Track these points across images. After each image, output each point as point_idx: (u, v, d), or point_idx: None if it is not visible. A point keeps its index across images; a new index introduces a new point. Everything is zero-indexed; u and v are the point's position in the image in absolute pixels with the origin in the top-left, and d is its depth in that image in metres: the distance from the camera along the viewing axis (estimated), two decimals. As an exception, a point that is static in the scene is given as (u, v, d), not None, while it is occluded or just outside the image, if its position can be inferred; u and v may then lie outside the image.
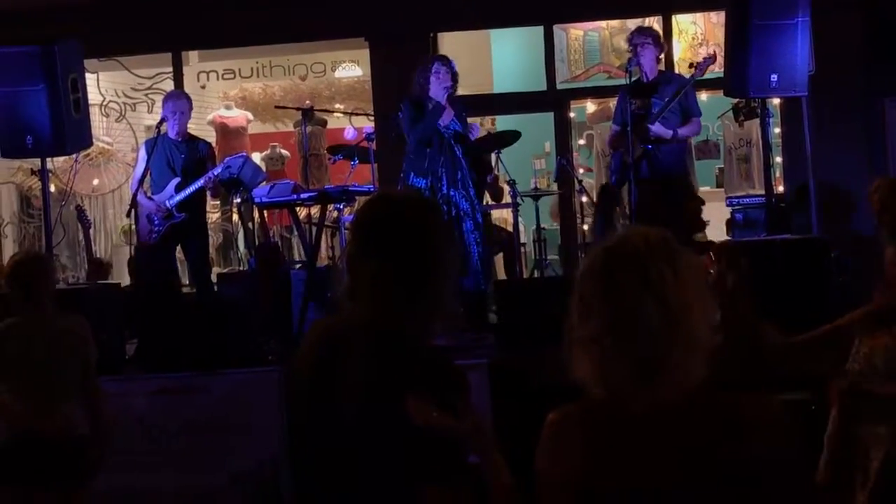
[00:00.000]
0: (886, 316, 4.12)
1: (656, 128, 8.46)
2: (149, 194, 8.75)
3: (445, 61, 8.53)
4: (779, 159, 11.39)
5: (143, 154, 8.82)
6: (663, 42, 8.89)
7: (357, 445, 2.62)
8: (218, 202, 12.55)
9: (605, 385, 2.33)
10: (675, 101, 8.49)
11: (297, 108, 10.54)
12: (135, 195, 8.57)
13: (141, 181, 8.64)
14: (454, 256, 2.79)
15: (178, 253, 9.26)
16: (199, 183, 8.66)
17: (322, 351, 2.74)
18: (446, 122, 8.31)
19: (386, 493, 2.59)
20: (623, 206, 9.20)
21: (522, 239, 11.36)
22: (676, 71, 11.81)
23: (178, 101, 8.92)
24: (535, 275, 10.57)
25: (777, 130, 11.24)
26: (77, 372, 5.31)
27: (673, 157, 8.60)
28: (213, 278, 9.60)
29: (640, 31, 9.08)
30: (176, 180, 8.65)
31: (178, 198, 8.63)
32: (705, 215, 8.72)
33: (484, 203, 10.06)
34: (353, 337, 2.69)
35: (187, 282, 9.87)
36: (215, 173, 8.67)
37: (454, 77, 8.43)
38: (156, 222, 8.67)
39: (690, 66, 9.23)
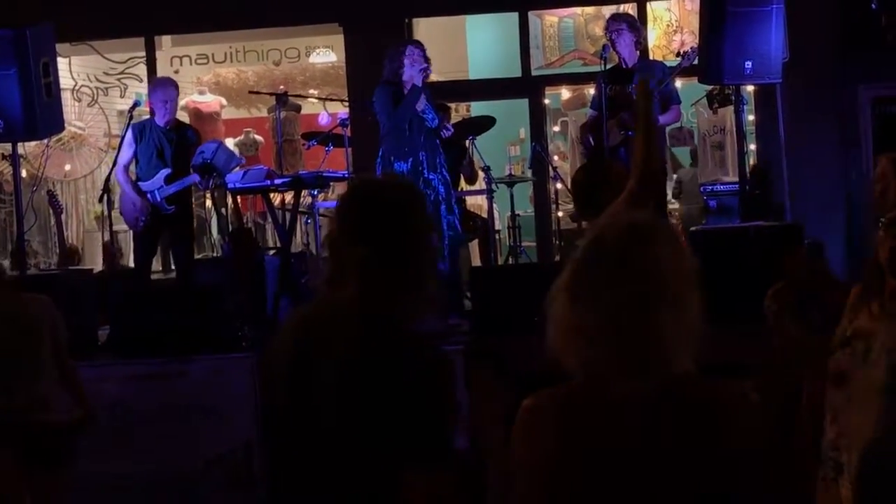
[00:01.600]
0: (865, 293, 4.16)
1: None
2: (134, 179, 8.71)
3: (419, 45, 8.49)
4: (752, 146, 11.43)
5: (129, 139, 8.71)
6: (640, 27, 8.85)
7: (340, 430, 2.61)
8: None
9: (587, 371, 2.32)
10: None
11: (271, 94, 10.51)
12: (107, 179, 8.54)
13: (127, 167, 8.60)
14: (435, 241, 2.79)
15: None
16: (183, 183, 8.65)
17: (304, 336, 2.73)
18: (423, 107, 8.28)
19: (367, 477, 2.58)
20: None
21: (497, 226, 11.35)
22: (651, 58, 11.84)
23: (167, 88, 8.84)
24: (510, 261, 10.57)
25: (751, 118, 11.27)
26: (47, 354, 5.25)
27: None
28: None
29: (615, 17, 9.07)
30: (166, 171, 8.60)
31: (169, 191, 8.61)
32: None
33: (459, 189, 10.05)
34: (337, 322, 2.68)
35: (159, 267, 9.85)
36: (189, 181, 8.69)
37: (428, 61, 8.38)
38: (141, 210, 8.63)
39: (677, 54, 9.23)
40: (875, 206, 5.38)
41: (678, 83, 11.88)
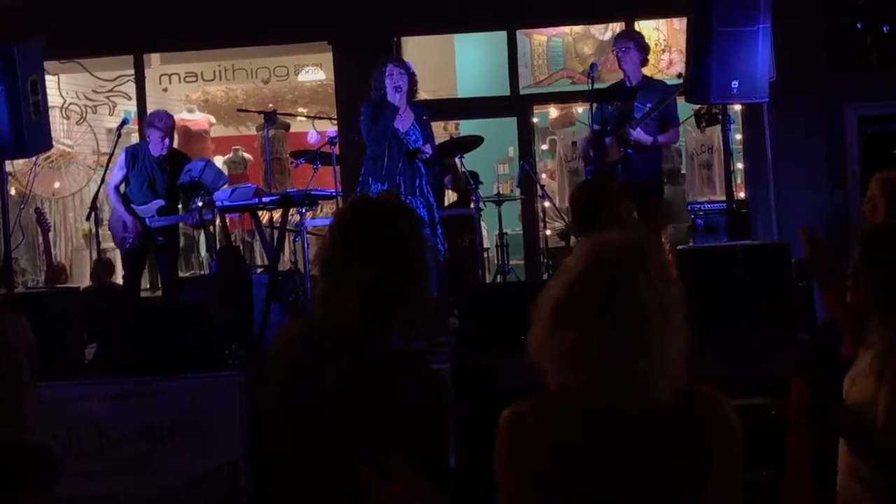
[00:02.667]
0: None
1: (637, 133, 8.35)
2: (126, 201, 8.79)
3: (399, 63, 8.41)
4: (740, 165, 11.47)
5: (121, 162, 8.88)
6: (647, 46, 8.79)
7: (337, 450, 2.61)
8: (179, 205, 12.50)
9: (569, 384, 2.35)
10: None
11: (260, 112, 10.50)
12: (95, 197, 8.57)
13: (118, 188, 8.66)
14: (430, 262, 2.80)
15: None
16: (181, 219, 8.86)
17: (298, 354, 2.74)
18: (405, 128, 8.23)
19: (364, 498, 2.58)
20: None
21: (485, 244, 11.36)
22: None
23: (167, 122, 8.93)
24: (498, 279, 10.57)
25: (738, 136, 11.31)
26: (26, 374, 5.21)
27: (648, 164, 8.52)
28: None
29: (624, 35, 9.08)
30: (159, 203, 8.72)
31: (160, 223, 8.72)
32: None
33: (445, 204, 10.04)
34: (333, 341, 2.68)
35: (146, 286, 9.87)
36: (181, 219, 8.89)
37: (411, 79, 8.26)
38: (129, 231, 8.74)
39: (679, 75, 9.23)
40: (865, 226, 5.38)
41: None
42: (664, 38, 12.72)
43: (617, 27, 12.46)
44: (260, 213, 9.11)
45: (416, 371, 2.67)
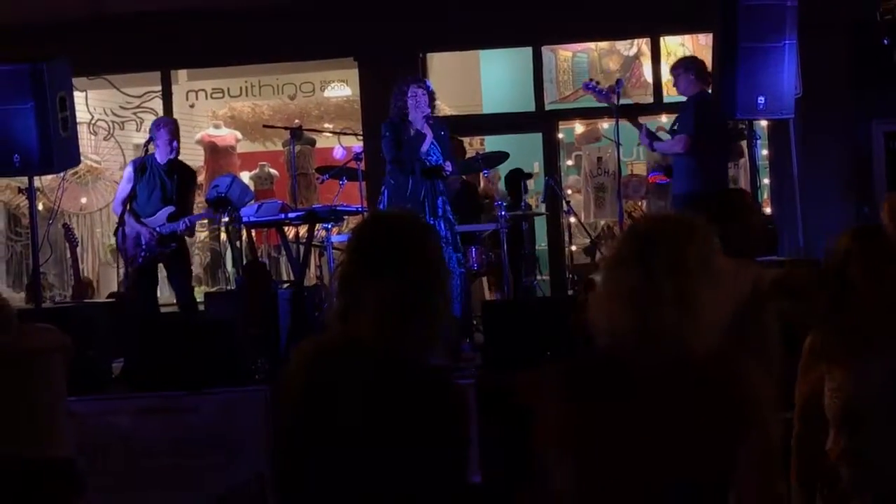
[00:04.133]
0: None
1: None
2: (135, 214, 8.77)
3: (420, 83, 8.37)
4: (766, 181, 11.43)
5: (129, 174, 8.85)
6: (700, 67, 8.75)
7: (357, 466, 2.61)
8: (206, 221, 12.56)
9: (614, 338, 2.48)
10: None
11: (286, 128, 10.53)
12: (122, 215, 8.57)
13: (126, 202, 8.65)
14: (449, 278, 2.80)
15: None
16: (192, 219, 8.95)
17: (316, 371, 2.73)
18: (426, 148, 8.21)
19: None
20: None
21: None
22: (664, 92, 11.93)
23: (172, 128, 8.99)
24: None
25: (764, 152, 11.28)
26: (59, 389, 5.23)
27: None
28: (201, 297, 9.61)
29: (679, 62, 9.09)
30: (169, 209, 8.74)
31: (171, 228, 8.75)
32: None
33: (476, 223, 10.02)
34: (351, 357, 2.68)
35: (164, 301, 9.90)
36: (199, 218, 9.03)
37: (431, 97, 8.24)
38: (144, 245, 8.72)
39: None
40: None
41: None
42: (690, 53, 12.71)
43: (643, 43, 12.48)
44: (286, 228, 9.13)
45: (436, 386, 2.66)
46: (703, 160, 8.38)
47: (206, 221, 12.51)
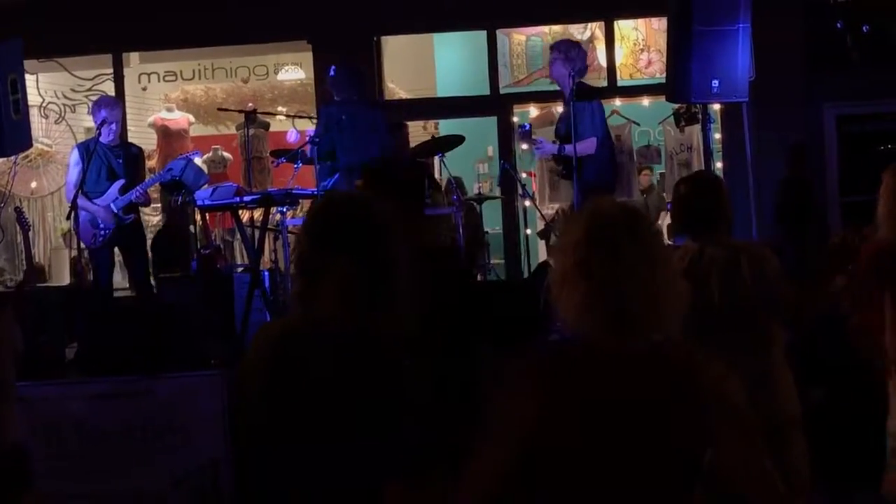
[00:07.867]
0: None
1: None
2: (87, 196, 8.69)
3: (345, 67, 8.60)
4: (719, 164, 11.49)
5: (76, 158, 8.76)
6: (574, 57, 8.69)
7: (322, 445, 2.61)
8: (159, 204, 12.49)
9: (581, 328, 2.47)
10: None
11: (240, 111, 10.48)
12: (74, 199, 8.49)
13: (77, 185, 8.57)
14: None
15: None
16: (145, 185, 8.83)
17: (279, 352, 2.72)
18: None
19: (350, 491, 2.58)
20: None
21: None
22: (618, 76, 11.97)
23: (116, 107, 8.94)
24: (478, 279, 10.57)
25: (718, 136, 11.34)
26: (9, 372, 5.17)
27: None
28: (154, 281, 9.56)
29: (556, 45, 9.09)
30: (120, 182, 8.66)
31: (125, 200, 8.66)
32: None
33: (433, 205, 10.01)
34: (313, 337, 2.68)
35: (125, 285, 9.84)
36: (152, 182, 8.89)
37: (356, 84, 8.50)
38: (101, 226, 8.66)
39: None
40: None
41: (646, 101, 12.02)
42: (643, 37, 12.76)
43: (596, 27, 12.51)
44: (241, 212, 9.09)
45: (399, 362, 2.66)
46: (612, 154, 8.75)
47: (158, 205, 12.46)
